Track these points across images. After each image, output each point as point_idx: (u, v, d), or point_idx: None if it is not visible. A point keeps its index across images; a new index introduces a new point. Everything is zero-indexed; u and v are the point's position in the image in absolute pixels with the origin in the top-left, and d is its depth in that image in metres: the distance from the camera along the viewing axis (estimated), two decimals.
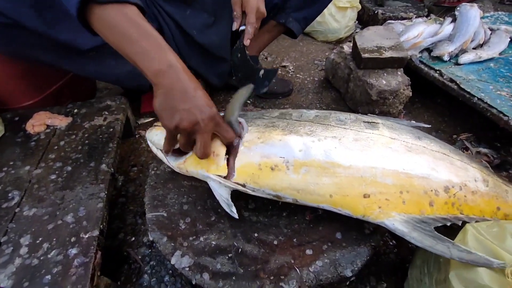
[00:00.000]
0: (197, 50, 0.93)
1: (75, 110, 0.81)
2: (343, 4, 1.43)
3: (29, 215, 0.55)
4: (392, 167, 0.47)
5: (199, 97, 0.46)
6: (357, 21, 1.62)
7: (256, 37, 0.85)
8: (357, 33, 1.05)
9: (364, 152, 0.48)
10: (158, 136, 0.55)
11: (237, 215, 0.50)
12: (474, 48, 1.05)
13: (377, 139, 0.50)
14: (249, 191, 0.49)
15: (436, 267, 0.47)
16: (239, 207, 0.55)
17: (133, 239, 0.69)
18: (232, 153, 0.51)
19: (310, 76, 1.26)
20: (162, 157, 0.57)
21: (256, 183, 0.48)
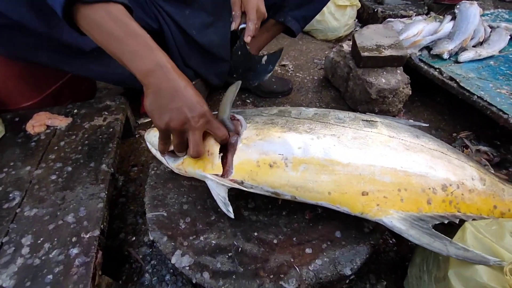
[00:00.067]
0: (196, 49, 0.93)
1: (75, 111, 0.81)
2: (343, 2, 1.43)
3: (30, 216, 0.56)
4: (390, 165, 0.47)
5: (188, 96, 0.46)
6: (356, 20, 1.62)
7: (255, 36, 0.85)
8: (357, 31, 1.05)
9: (363, 150, 0.48)
10: (157, 137, 0.55)
11: (233, 215, 0.50)
12: (474, 46, 1.04)
13: (376, 138, 0.50)
14: (247, 188, 0.49)
15: (435, 265, 0.48)
16: (239, 206, 0.56)
17: (134, 238, 0.69)
18: (230, 150, 0.51)
19: (310, 75, 1.26)
20: (161, 159, 0.57)
21: (254, 180, 0.48)
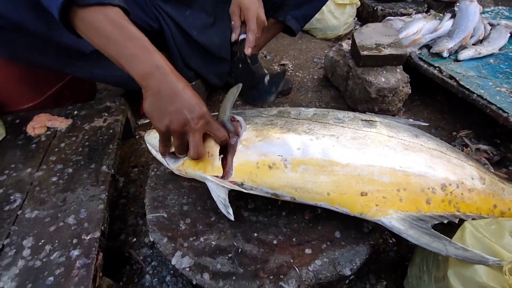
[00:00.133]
0: (197, 50, 0.93)
1: (75, 112, 0.81)
2: (342, 1, 1.42)
3: (31, 218, 0.56)
4: (389, 165, 0.47)
5: (187, 97, 0.46)
6: (356, 18, 1.61)
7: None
8: (356, 30, 1.05)
9: (362, 151, 0.48)
10: (157, 138, 0.56)
11: (233, 217, 0.50)
12: (473, 44, 1.04)
13: (375, 137, 0.50)
14: (247, 190, 0.50)
15: (435, 265, 0.48)
16: (239, 207, 0.56)
17: (134, 240, 0.70)
18: (230, 151, 0.51)
19: (309, 74, 1.26)
20: (162, 160, 0.57)
21: (254, 182, 0.49)
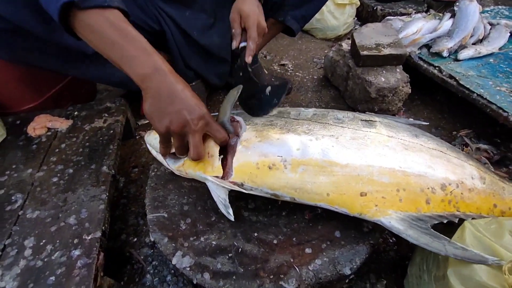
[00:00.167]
0: (197, 50, 0.93)
1: (76, 113, 0.81)
2: (342, 1, 1.42)
3: (32, 218, 0.56)
4: (389, 165, 0.47)
5: (187, 98, 0.46)
6: (356, 18, 1.61)
7: None
8: (356, 30, 1.05)
9: (361, 151, 0.48)
10: (157, 139, 0.56)
11: (233, 217, 0.50)
12: (473, 44, 1.04)
13: (375, 138, 0.50)
14: (247, 190, 0.50)
15: (435, 264, 0.48)
16: (239, 207, 0.56)
17: (135, 239, 0.70)
18: (229, 152, 0.51)
19: (309, 75, 1.26)
20: (162, 160, 0.58)
21: (253, 182, 0.49)
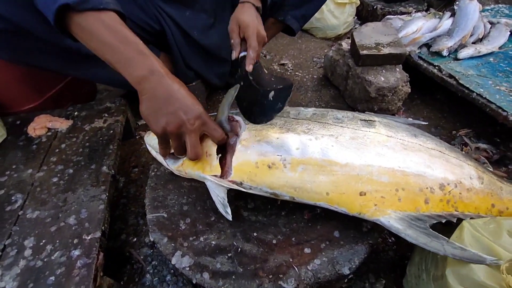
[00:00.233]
0: (197, 50, 0.93)
1: (76, 113, 0.81)
2: (342, 0, 1.42)
3: (32, 218, 0.56)
4: (388, 165, 0.47)
5: (183, 99, 0.47)
6: (355, 17, 1.61)
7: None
8: (356, 29, 1.05)
9: (361, 150, 0.48)
10: (156, 140, 0.56)
11: (231, 217, 0.50)
12: (473, 43, 1.04)
13: (374, 137, 0.50)
14: (246, 189, 0.50)
15: (434, 264, 0.48)
16: (238, 207, 0.56)
17: (135, 239, 0.70)
18: (229, 151, 0.51)
19: (309, 74, 1.26)
20: (162, 161, 0.58)
21: (253, 181, 0.49)
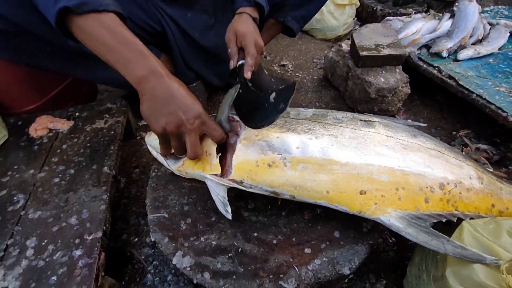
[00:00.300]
0: (198, 51, 0.94)
1: (77, 114, 0.82)
2: (342, 1, 1.42)
3: (34, 218, 0.57)
4: (388, 164, 0.47)
5: (182, 99, 0.47)
6: (355, 18, 1.61)
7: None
8: (355, 30, 1.05)
9: (361, 150, 0.49)
10: (157, 140, 0.56)
11: (231, 216, 0.50)
12: (473, 44, 1.04)
13: (374, 137, 0.51)
14: (246, 188, 0.50)
15: (434, 264, 0.48)
16: (239, 207, 0.56)
17: (136, 239, 0.70)
18: (229, 150, 0.52)
19: (309, 75, 1.26)
20: (162, 161, 0.58)
21: (253, 180, 0.49)
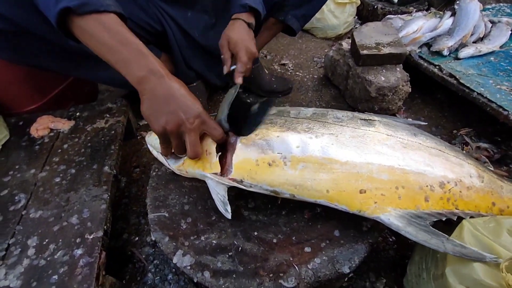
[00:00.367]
0: (198, 51, 0.94)
1: (77, 113, 0.82)
2: (342, 0, 1.42)
3: (35, 217, 0.57)
4: (388, 163, 0.47)
5: (182, 98, 0.47)
6: (356, 17, 1.61)
7: (256, 37, 0.85)
8: (356, 29, 1.05)
9: (361, 149, 0.49)
10: (158, 140, 0.56)
11: (230, 215, 0.50)
12: (474, 42, 1.04)
13: (374, 136, 0.51)
14: (246, 187, 0.50)
15: (434, 263, 0.48)
16: (239, 206, 0.56)
17: (136, 239, 0.71)
18: (229, 150, 0.52)
19: (310, 74, 1.26)
20: (163, 160, 0.58)
21: (253, 179, 0.49)
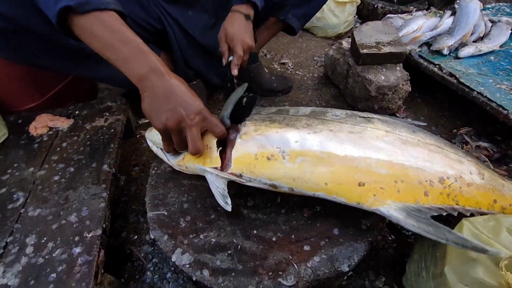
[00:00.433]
0: (198, 50, 0.94)
1: (77, 112, 0.82)
2: None
3: (33, 216, 0.57)
4: (387, 158, 0.47)
5: (183, 95, 0.47)
6: (356, 16, 1.61)
7: (256, 35, 0.85)
8: (356, 28, 1.05)
9: (359, 144, 0.49)
10: (158, 135, 0.56)
11: (231, 208, 0.50)
12: (474, 41, 1.04)
13: (372, 132, 0.51)
14: (246, 181, 0.50)
15: (433, 261, 0.48)
16: (238, 204, 0.56)
17: (135, 237, 0.70)
18: (229, 145, 0.52)
19: (310, 73, 1.26)
20: (163, 156, 0.58)
21: (252, 173, 0.49)
